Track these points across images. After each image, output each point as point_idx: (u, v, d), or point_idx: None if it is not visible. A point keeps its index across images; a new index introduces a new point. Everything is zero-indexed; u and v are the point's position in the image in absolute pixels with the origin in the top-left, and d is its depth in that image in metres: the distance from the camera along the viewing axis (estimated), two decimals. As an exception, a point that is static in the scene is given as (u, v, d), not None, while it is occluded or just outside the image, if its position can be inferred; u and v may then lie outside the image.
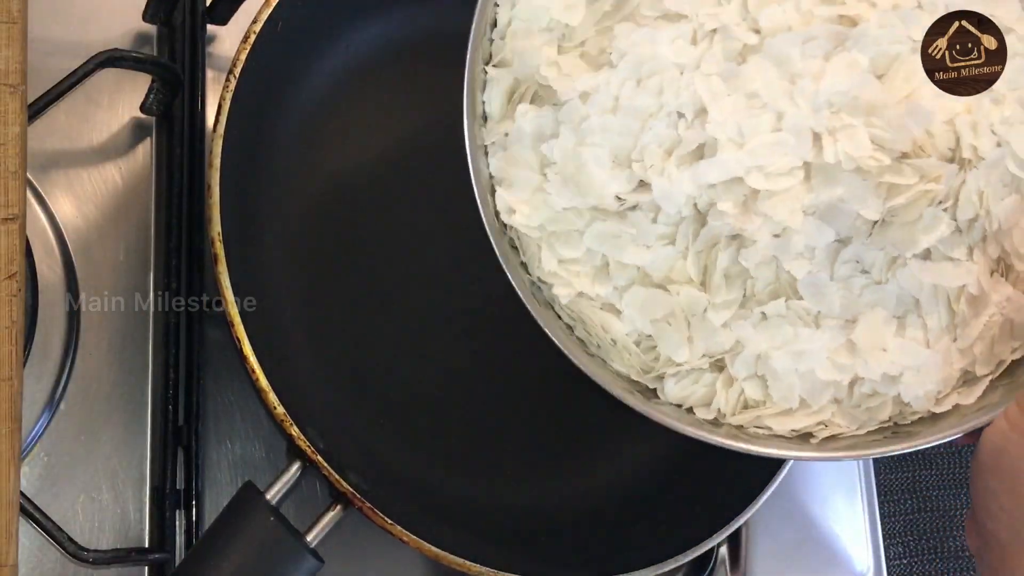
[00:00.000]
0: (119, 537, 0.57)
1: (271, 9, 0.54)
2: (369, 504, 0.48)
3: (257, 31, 0.53)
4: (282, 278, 0.60)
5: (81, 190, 0.61)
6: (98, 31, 0.63)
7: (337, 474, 0.48)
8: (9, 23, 0.47)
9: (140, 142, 0.63)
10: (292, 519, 0.49)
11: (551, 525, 0.60)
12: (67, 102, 0.58)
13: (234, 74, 0.52)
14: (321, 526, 0.49)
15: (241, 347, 0.49)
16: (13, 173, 0.46)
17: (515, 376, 0.63)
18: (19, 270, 0.45)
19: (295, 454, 0.49)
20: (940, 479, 0.89)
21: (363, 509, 0.48)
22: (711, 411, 0.47)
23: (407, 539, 0.49)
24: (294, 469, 0.50)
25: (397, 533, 0.48)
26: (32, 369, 0.56)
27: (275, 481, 0.50)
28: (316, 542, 0.49)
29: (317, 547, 0.49)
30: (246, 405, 0.61)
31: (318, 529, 0.49)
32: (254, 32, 0.53)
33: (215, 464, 0.59)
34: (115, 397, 0.58)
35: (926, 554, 0.86)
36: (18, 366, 0.45)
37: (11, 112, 0.46)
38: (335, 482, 0.48)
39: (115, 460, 0.57)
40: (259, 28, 0.53)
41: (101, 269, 0.60)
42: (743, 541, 0.71)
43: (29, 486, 0.55)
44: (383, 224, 0.63)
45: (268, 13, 0.54)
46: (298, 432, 0.48)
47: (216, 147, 0.51)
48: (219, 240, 0.50)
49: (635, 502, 0.62)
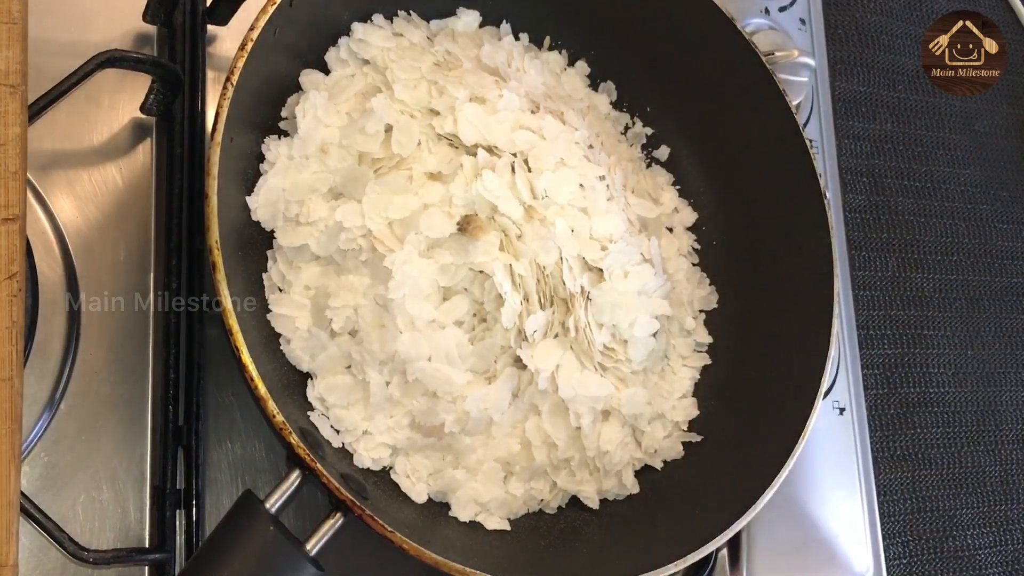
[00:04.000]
0: (119, 537, 0.57)
1: (268, 16, 0.53)
2: (369, 512, 0.48)
3: (254, 38, 0.53)
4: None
5: (81, 190, 0.61)
6: (98, 31, 0.63)
7: (336, 481, 0.48)
8: (10, 23, 0.47)
9: (140, 142, 0.63)
10: (292, 526, 0.49)
11: (551, 532, 0.60)
12: (67, 102, 0.58)
13: (231, 81, 0.51)
14: (321, 534, 0.49)
15: (240, 355, 0.48)
16: (13, 173, 0.46)
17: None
18: (19, 270, 0.45)
19: (295, 462, 0.49)
20: (940, 479, 0.89)
21: (363, 516, 0.48)
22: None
23: (407, 547, 0.48)
24: (293, 477, 0.49)
25: (397, 540, 0.48)
26: (32, 369, 0.56)
27: (274, 490, 0.49)
28: (316, 550, 0.49)
29: (317, 555, 0.49)
30: (246, 405, 0.61)
31: (318, 537, 0.49)
32: (251, 39, 0.52)
33: (215, 464, 0.59)
34: (115, 397, 0.58)
35: (926, 554, 0.86)
36: (18, 366, 0.45)
37: (11, 112, 0.46)
38: (334, 490, 0.48)
39: (115, 460, 0.57)
40: (256, 35, 0.53)
41: (101, 269, 0.60)
42: (743, 541, 0.71)
43: (30, 486, 0.55)
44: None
45: (265, 20, 0.53)
46: (297, 440, 0.48)
47: (214, 155, 0.50)
48: (217, 248, 0.49)
49: (634, 506, 0.62)
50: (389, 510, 0.55)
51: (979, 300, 0.97)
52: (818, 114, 0.87)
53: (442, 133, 0.58)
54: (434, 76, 0.60)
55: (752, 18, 0.85)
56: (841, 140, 0.92)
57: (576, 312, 0.58)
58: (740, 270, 0.69)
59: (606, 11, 0.68)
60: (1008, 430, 0.94)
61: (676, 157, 0.72)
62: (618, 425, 0.61)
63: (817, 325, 0.62)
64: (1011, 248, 1.00)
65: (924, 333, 0.93)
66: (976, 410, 0.93)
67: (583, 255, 0.59)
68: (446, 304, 0.56)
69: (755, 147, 0.68)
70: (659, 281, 0.64)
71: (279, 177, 0.57)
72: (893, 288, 0.93)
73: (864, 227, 0.93)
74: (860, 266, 0.91)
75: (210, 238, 0.49)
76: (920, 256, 0.95)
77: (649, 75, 0.71)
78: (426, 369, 0.54)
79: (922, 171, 0.98)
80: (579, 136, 0.63)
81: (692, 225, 0.71)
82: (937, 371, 0.92)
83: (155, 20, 0.64)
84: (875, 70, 0.97)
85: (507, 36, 0.68)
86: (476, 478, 0.58)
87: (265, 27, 0.53)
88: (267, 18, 0.53)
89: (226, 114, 0.51)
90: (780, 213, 0.67)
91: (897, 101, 0.98)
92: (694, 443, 0.64)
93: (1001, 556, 0.90)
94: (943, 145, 0.99)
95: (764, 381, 0.65)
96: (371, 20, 0.63)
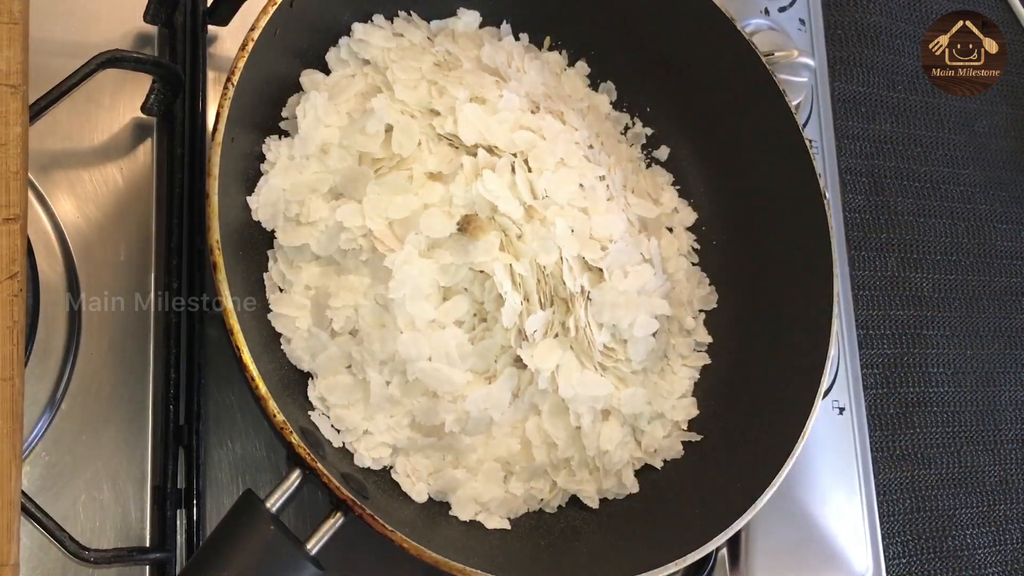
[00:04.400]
0: (120, 536, 0.57)
1: (269, 17, 0.53)
2: (370, 511, 0.48)
3: (255, 38, 0.53)
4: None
5: (82, 190, 0.61)
6: (99, 32, 0.63)
7: (337, 481, 0.48)
8: (11, 24, 0.47)
9: (141, 142, 0.63)
10: (292, 525, 0.49)
11: (552, 531, 0.61)
12: (68, 102, 0.58)
13: (232, 81, 0.51)
14: (321, 533, 0.49)
15: (241, 355, 0.48)
16: (15, 173, 0.46)
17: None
18: (20, 270, 0.45)
19: (295, 461, 0.49)
20: (939, 479, 0.89)
21: (363, 516, 0.48)
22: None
23: (407, 546, 0.48)
24: (294, 477, 0.49)
25: (397, 540, 0.48)
26: (33, 369, 0.56)
27: (275, 489, 0.49)
28: (316, 549, 0.49)
29: (318, 554, 0.49)
30: (246, 404, 0.61)
31: (318, 536, 0.49)
32: (252, 39, 0.52)
33: (216, 463, 0.59)
34: (116, 397, 0.58)
35: (925, 553, 0.86)
36: (19, 366, 0.45)
37: (12, 112, 0.46)
38: (335, 489, 0.48)
39: (116, 459, 0.57)
40: (257, 35, 0.53)
41: (102, 269, 0.60)
42: (743, 541, 0.71)
43: (30, 485, 0.55)
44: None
45: (266, 20, 0.53)
46: (298, 440, 0.48)
47: (215, 155, 0.50)
48: (218, 248, 0.49)
49: (633, 506, 0.62)
50: (389, 509, 0.55)
51: (979, 300, 0.97)
52: (818, 114, 0.88)
53: (442, 133, 0.58)
54: (434, 76, 0.60)
55: (752, 18, 0.85)
56: (841, 140, 0.92)
57: (576, 312, 0.58)
58: (740, 270, 0.69)
59: (606, 11, 0.69)
60: (1007, 430, 0.94)
61: (676, 157, 0.72)
62: (618, 425, 0.61)
63: (817, 325, 0.62)
64: (1011, 248, 1.01)
65: (923, 333, 0.93)
66: (975, 410, 0.93)
67: (583, 255, 0.59)
68: (446, 304, 0.56)
69: (755, 147, 0.69)
70: (659, 281, 0.64)
71: (279, 177, 0.57)
72: (893, 288, 0.93)
73: (864, 227, 0.93)
74: (860, 266, 0.91)
75: (211, 238, 0.49)
76: (920, 256, 0.95)
77: (649, 75, 0.71)
78: (426, 369, 0.54)
79: (922, 171, 0.98)
80: (579, 136, 0.63)
81: (692, 225, 0.71)
82: (936, 371, 0.92)
83: (156, 20, 0.64)
84: (875, 70, 0.97)
85: (507, 36, 0.68)
86: (476, 478, 0.58)
87: (266, 27, 0.53)
88: (268, 18, 0.53)
89: (227, 114, 0.51)
90: (780, 213, 0.68)
91: (897, 101, 0.98)
92: (694, 443, 0.64)
93: (1000, 555, 0.90)
94: (943, 145, 0.99)
95: (764, 381, 0.65)
96: (371, 20, 0.63)
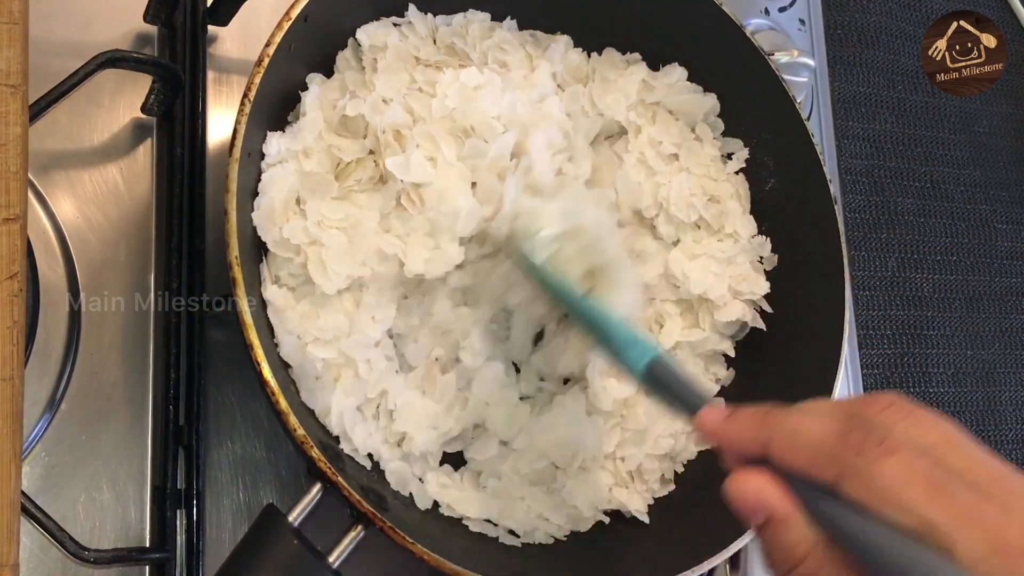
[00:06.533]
0: (120, 536, 0.57)
1: (284, 32, 0.53)
2: (390, 524, 0.48)
3: (271, 54, 0.53)
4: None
5: (82, 190, 0.61)
6: (99, 32, 0.63)
7: (358, 494, 0.48)
8: (10, 24, 0.47)
9: (141, 142, 0.63)
10: (311, 537, 0.49)
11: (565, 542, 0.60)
12: (68, 102, 0.58)
13: (249, 97, 0.51)
14: (343, 546, 0.49)
15: (260, 370, 0.48)
16: (14, 173, 0.46)
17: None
18: (20, 270, 0.45)
19: (315, 475, 0.49)
20: (940, 479, 0.89)
21: (384, 528, 0.48)
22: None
23: (428, 558, 0.48)
24: (315, 491, 0.49)
25: (418, 552, 0.48)
26: (33, 369, 0.56)
27: (296, 503, 0.49)
28: (338, 563, 0.49)
29: (339, 567, 0.49)
30: (247, 405, 0.61)
31: (340, 549, 0.49)
32: (268, 55, 0.52)
33: (216, 464, 0.59)
34: (116, 397, 0.58)
35: (926, 554, 0.86)
36: (19, 366, 0.45)
37: (12, 112, 0.46)
38: (356, 502, 0.48)
39: (116, 460, 0.57)
40: (272, 51, 0.53)
41: (102, 269, 0.60)
42: (743, 541, 0.71)
43: (30, 486, 0.55)
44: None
45: (281, 36, 0.53)
46: (318, 454, 0.48)
47: (232, 171, 0.50)
48: (237, 264, 0.48)
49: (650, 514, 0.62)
50: (409, 521, 0.55)
51: (979, 300, 0.97)
52: (818, 114, 0.88)
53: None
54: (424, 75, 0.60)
55: (752, 18, 0.85)
56: (841, 140, 0.92)
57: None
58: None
59: (607, 12, 0.68)
60: (1008, 430, 0.94)
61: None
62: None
63: (827, 333, 0.62)
64: (1011, 248, 1.00)
65: (923, 333, 0.93)
66: (976, 410, 0.93)
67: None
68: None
69: (762, 152, 0.68)
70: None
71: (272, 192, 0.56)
72: (893, 288, 0.93)
73: (864, 227, 0.93)
74: (860, 266, 0.91)
75: (230, 254, 0.49)
76: (920, 256, 0.95)
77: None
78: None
79: (922, 171, 0.98)
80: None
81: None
82: (937, 371, 0.92)
83: (156, 20, 0.64)
84: (875, 70, 0.97)
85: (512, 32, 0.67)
86: (495, 491, 0.58)
87: (281, 43, 0.53)
88: (283, 34, 0.53)
89: (243, 131, 0.51)
90: (788, 220, 0.67)
91: (897, 101, 0.98)
92: (708, 449, 0.64)
93: (1001, 556, 0.90)
94: (943, 145, 0.99)
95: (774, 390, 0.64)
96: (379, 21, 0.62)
